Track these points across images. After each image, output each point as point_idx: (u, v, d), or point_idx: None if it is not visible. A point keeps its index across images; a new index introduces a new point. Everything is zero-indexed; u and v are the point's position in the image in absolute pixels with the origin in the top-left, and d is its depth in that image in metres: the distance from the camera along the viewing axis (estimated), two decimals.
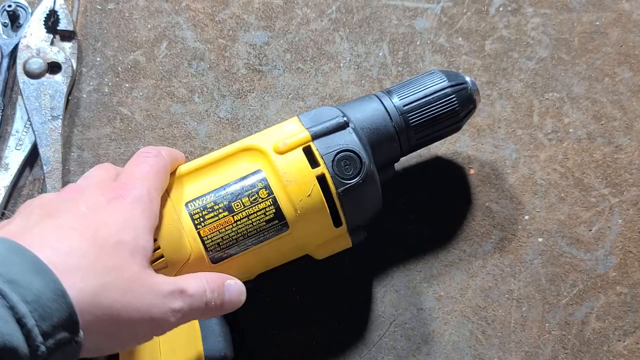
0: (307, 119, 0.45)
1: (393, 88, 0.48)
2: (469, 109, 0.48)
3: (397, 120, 0.46)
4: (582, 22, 0.57)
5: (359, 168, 0.43)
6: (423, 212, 0.53)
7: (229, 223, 0.42)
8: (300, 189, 0.42)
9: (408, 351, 0.50)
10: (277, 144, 0.43)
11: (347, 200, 0.43)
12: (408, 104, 0.46)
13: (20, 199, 0.53)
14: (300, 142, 0.43)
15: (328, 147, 0.43)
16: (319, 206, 0.43)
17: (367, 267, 0.51)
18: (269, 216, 0.42)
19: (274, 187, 0.42)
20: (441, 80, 0.47)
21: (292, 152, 0.43)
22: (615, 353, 0.49)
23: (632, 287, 0.51)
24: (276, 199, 0.42)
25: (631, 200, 0.53)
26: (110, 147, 0.55)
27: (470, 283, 0.51)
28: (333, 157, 0.43)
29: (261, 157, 0.43)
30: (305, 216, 0.42)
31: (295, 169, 0.42)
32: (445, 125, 0.47)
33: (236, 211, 0.42)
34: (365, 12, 0.58)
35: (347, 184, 0.43)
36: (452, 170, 0.54)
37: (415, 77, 0.48)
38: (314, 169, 0.43)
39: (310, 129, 0.44)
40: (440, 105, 0.46)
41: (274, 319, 0.50)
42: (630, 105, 0.55)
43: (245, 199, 0.42)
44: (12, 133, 0.54)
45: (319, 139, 0.43)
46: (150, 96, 0.56)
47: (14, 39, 0.56)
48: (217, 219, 0.42)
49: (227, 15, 0.58)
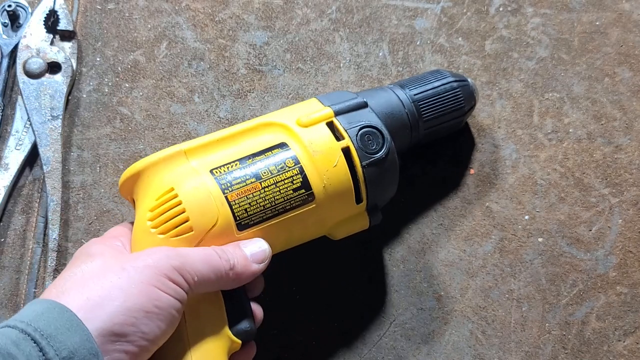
0: (326, 99, 0.46)
1: (403, 81, 0.50)
2: (471, 105, 0.51)
3: (410, 108, 0.48)
4: (582, 22, 0.57)
5: (381, 144, 0.44)
6: (423, 211, 0.53)
7: (257, 189, 0.42)
8: (327, 159, 0.43)
9: (408, 351, 0.50)
10: (299, 118, 0.44)
11: (370, 175, 0.44)
12: (418, 93, 0.49)
13: (20, 199, 0.53)
14: (324, 118, 0.44)
15: (351, 123, 0.44)
16: (344, 178, 0.43)
17: (367, 267, 0.51)
18: (296, 184, 0.42)
19: (300, 157, 0.43)
20: (445, 75, 0.50)
21: (316, 126, 0.44)
22: (615, 353, 0.49)
23: (632, 287, 0.51)
24: (303, 168, 0.43)
25: (631, 200, 0.53)
26: (110, 147, 0.54)
27: (470, 283, 0.51)
28: (357, 131, 0.44)
29: (285, 130, 0.44)
30: (330, 188, 0.43)
31: (321, 140, 0.43)
32: (451, 117, 0.50)
33: (263, 178, 0.42)
34: (365, 12, 0.58)
35: (372, 157, 0.44)
36: (452, 170, 0.54)
37: (421, 74, 0.51)
38: (339, 142, 0.43)
39: (332, 106, 0.45)
40: (447, 97, 0.49)
41: (274, 319, 0.50)
42: (630, 105, 0.55)
43: (273, 167, 0.42)
44: (12, 133, 0.54)
45: (341, 115, 0.45)
46: (150, 96, 0.56)
47: (14, 39, 0.56)
48: (244, 184, 0.42)
49: (227, 15, 0.58)
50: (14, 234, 0.53)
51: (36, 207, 0.53)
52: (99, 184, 0.54)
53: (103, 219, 0.53)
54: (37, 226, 0.53)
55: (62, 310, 0.33)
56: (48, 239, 0.51)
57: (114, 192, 0.53)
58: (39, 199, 0.53)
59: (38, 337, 0.31)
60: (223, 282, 0.40)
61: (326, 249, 0.50)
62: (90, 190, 0.53)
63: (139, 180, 0.43)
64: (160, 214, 0.41)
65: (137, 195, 0.43)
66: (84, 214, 0.53)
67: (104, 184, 0.53)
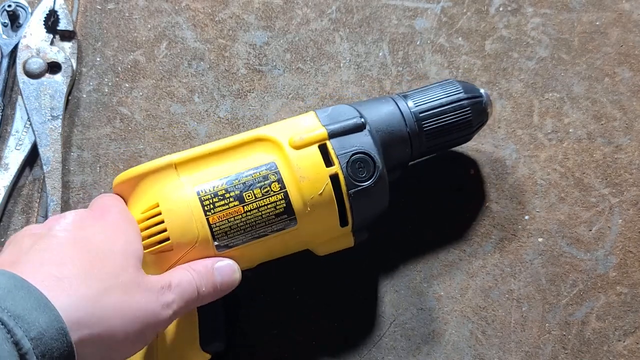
0: (324, 115, 0.45)
1: (410, 93, 0.48)
2: (482, 122, 0.49)
3: (412, 125, 0.46)
4: (582, 22, 0.57)
5: (372, 171, 0.43)
6: (423, 212, 0.53)
7: (239, 213, 0.42)
8: (312, 186, 0.42)
9: (408, 351, 0.50)
10: (292, 137, 0.43)
11: (357, 202, 0.43)
12: (424, 111, 0.47)
13: (20, 199, 0.53)
14: (317, 139, 0.43)
15: (344, 148, 0.43)
16: (328, 205, 0.43)
17: (367, 267, 0.51)
18: (279, 210, 0.42)
19: (286, 181, 0.42)
20: (458, 91, 0.47)
21: (308, 149, 0.43)
22: (615, 353, 0.49)
23: (632, 287, 0.51)
24: (288, 193, 0.42)
25: (631, 200, 0.53)
26: (110, 147, 0.54)
27: (470, 283, 0.51)
28: (348, 157, 0.43)
29: (276, 149, 0.43)
30: (314, 213, 0.43)
31: (310, 165, 0.43)
32: (457, 135, 0.48)
33: (247, 202, 0.42)
34: (365, 12, 0.58)
35: (359, 186, 0.43)
36: (452, 170, 0.54)
37: (432, 85, 0.49)
38: (328, 168, 0.43)
39: (327, 127, 0.44)
40: (455, 115, 0.47)
41: (274, 319, 0.50)
42: (630, 105, 0.55)
43: (257, 191, 0.42)
44: (12, 133, 0.54)
45: (336, 137, 0.44)
46: (150, 96, 0.56)
47: (14, 39, 0.56)
48: (227, 207, 0.42)
49: (227, 15, 0.58)
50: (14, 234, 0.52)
51: (36, 207, 0.53)
52: (99, 184, 0.54)
53: None
54: None
55: (30, 289, 0.32)
56: None
57: None
58: (39, 199, 0.53)
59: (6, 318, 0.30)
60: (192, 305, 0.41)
61: None
62: (90, 190, 0.53)
63: (130, 189, 0.44)
64: (145, 228, 0.42)
65: (128, 202, 0.44)
66: None
67: (104, 184, 0.53)
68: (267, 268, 0.51)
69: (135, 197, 0.44)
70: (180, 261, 0.42)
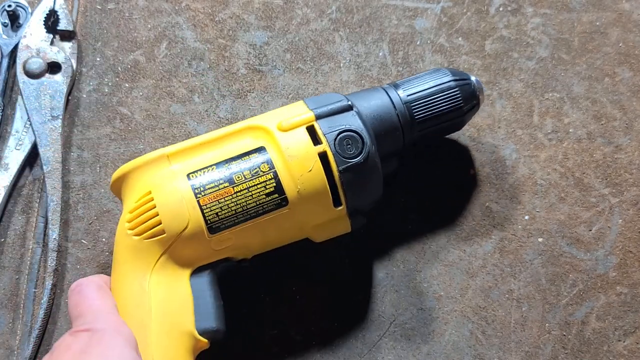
0: (312, 102, 0.46)
1: (399, 82, 0.49)
2: (472, 105, 0.49)
3: (402, 111, 0.47)
4: (582, 22, 0.57)
5: (360, 148, 0.44)
6: (423, 211, 0.53)
7: (229, 194, 0.43)
8: (301, 165, 0.43)
9: (408, 351, 0.50)
10: (281, 122, 0.44)
11: (348, 180, 0.44)
12: (412, 94, 0.48)
13: (20, 199, 0.53)
14: (304, 122, 0.44)
15: (330, 127, 0.44)
16: (319, 183, 0.43)
17: (367, 267, 0.51)
18: (269, 189, 0.43)
19: (275, 162, 0.43)
20: (445, 75, 0.49)
21: (296, 130, 0.44)
22: (615, 353, 0.49)
23: (632, 287, 0.51)
24: (277, 173, 0.43)
25: (631, 200, 0.53)
26: (110, 147, 0.54)
27: (470, 283, 0.51)
28: (335, 136, 0.44)
29: (265, 135, 0.45)
30: (305, 192, 0.43)
31: (298, 145, 0.44)
32: (448, 118, 0.49)
33: (237, 182, 0.43)
34: (365, 12, 0.58)
35: (349, 162, 0.44)
36: (452, 170, 0.54)
37: (421, 73, 0.50)
38: (316, 146, 0.44)
39: (314, 110, 0.45)
40: (444, 97, 0.48)
41: (274, 319, 0.50)
42: (630, 105, 0.55)
43: (247, 172, 0.43)
44: (12, 133, 0.54)
45: (323, 119, 0.45)
46: (150, 96, 0.56)
47: (14, 39, 0.56)
48: (217, 189, 0.43)
49: (227, 15, 0.58)
50: (14, 234, 0.53)
51: (36, 207, 0.53)
52: (99, 184, 0.54)
53: (103, 219, 0.53)
54: (37, 226, 0.53)
55: None
56: (48, 239, 0.51)
57: None
58: (39, 199, 0.53)
59: None
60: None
61: (326, 249, 0.50)
62: (90, 190, 0.53)
63: (125, 182, 0.45)
64: (137, 216, 0.43)
65: (123, 196, 0.45)
66: (84, 214, 0.53)
67: (104, 184, 0.53)
68: (267, 268, 0.51)
69: (128, 189, 0.45)
70: (174, 246, 0.43)
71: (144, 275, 0.43)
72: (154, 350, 0.41)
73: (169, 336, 0.42)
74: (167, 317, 0.43)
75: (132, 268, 0.43)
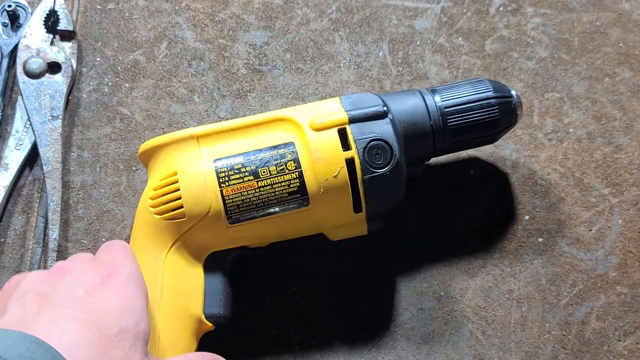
0: (348, 102, 0.45)
1: (438, 88, 0.48)
2: (509, 123, 0.48)
3: (436, 119, 0.46)
4: (582, 22, 0.57)
5: (389, 159, 0.44)
6: (423, 212, 0.53)
7: (252, 187, 0.43)
8: (328, 168, 0.43)
9: (408, 351, 0.50)
10: (313, 120, 0.44)
11: (371, 189, 0.44)
12: (450, 106, 0.47)
13: (20, 199, 0.53)
14: (337, 123, 0.44)
15: (362, 133, 0.44)
16: (342, 189, 0.43)
17: (367, 267, 0.51)
18: (292, 188, 0.43)
19: (302, 161, 0.43)
20: (487, 89, 0.47)
21: (327, 131, 0.44)
22: (615, 353, 0.49)
23: (632, 287, 0.51)
24: (302, 173, 0.43)
25: (631, 200, 0.53)
26: (110, 147, 0.54)
27: (470, 283, 0.51)
28: (366, 143, 0.44)
29: (296, 130, 0.44)
30: (327, 195, 0.43)
31: (327, 147, 0.43)
32: (482, 134, 0.48)
33: (261, 177, 0.43)
34: (365, 12, 0.58)
35: (375, 172, 0.43)
36: (452, 170, 0.54)
37: (461, 82, 0.48)
38: (344, 152, 0.43)
39: (349, 112, 0.44)
40: (482, 113, 0.47)
41: (274, 319, 0.50)
42: (630, 105, 0.55)
43: (273, 168, 0.43)
44: (12, 133, 0.54)
45: (356, 123, 0.44)
46: (150, 96, 0.56)
47: (14, 39, 0.56)
48: (241, 181, 0.43)
49: (227, 15, 0.58)
50: (14, 234, 0.53)
51: (36, 207, 0.53)
52: (99, 184, 0.54)
53: (103, 219, 0.53)
54: (37, 226, 0.53)
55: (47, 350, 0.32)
56: (48, 239, 0.51)
57: (114, 192, 0.53)
58: (39, 199, 0.53)
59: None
60: None
61: (326, 249, 0.50)
62: (90, 190, 0.53)
63: (153, 156, 0.46)
64: (160, 195, 0.44)
65: (149, 170, 0.46)
66: (84, 214, 0.53)
67: (104, 184, 0.54)
68: (267, 268, 0.51)
69: (156, 164, 0.45)
70: (193, 230, 0.43)
71: (160, 254, 0.43)
72: (161, 330, 0.42)
73: (177, 318, 0.43)
74: (177, 299, 0.43)
75: (150, 245, 0.44)
